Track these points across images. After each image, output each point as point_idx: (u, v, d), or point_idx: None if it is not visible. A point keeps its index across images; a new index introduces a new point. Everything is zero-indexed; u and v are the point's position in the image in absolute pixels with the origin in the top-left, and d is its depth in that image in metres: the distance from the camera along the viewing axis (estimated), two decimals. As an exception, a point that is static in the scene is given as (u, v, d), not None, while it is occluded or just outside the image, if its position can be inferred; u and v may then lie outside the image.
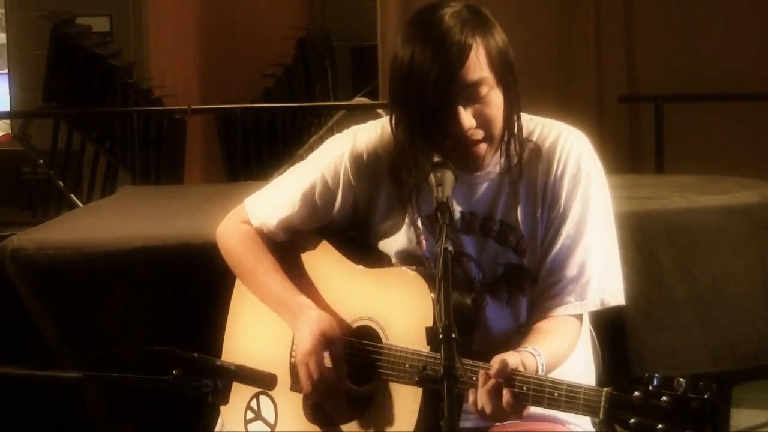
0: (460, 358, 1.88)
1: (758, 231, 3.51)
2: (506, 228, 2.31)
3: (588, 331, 2.43)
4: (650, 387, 1.86)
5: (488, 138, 2.23)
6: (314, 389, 2.29)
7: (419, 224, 2.33)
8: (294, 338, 2.35)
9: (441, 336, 1.88)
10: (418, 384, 2.09)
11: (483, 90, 2.19)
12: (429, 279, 2.20)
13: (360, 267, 2.37)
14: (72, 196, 7.68)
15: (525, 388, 2.01)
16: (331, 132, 6.47)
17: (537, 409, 2.10)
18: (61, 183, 7.81)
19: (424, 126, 2.20)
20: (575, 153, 2.30)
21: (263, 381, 2.07)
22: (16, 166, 8.31)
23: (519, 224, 2.30)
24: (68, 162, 7.97)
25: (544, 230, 2.29)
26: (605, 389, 1.93)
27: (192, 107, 7.45)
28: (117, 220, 3.68)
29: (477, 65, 2.18)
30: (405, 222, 2.35)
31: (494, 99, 2.21)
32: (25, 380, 1.99)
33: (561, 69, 6.72)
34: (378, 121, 2.41)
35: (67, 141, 8.03)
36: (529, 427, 2.26)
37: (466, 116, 2.18)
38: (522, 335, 2.28)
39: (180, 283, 3.13)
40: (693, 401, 1.81)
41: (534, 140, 2.31)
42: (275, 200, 2.46)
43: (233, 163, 8.15)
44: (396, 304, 2.25)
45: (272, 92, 8.57)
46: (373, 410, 2.25)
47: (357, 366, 2.29)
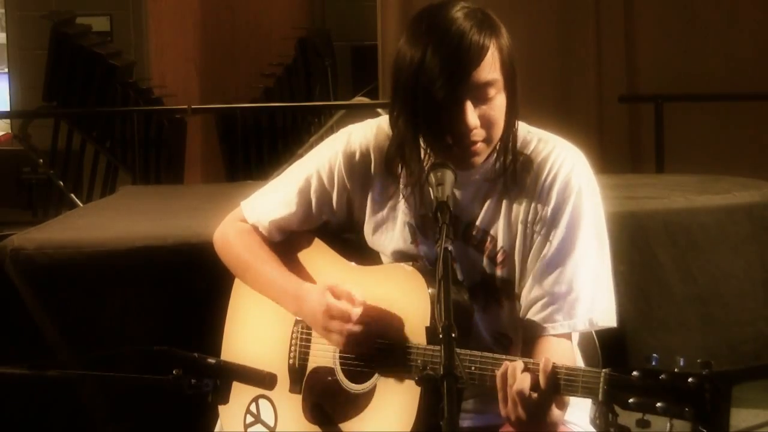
0: (458, 354, 1.87)
1: (758, 231, 3.51)
2: (487, 237, 2.29)
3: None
4: (648, 367, 1.85)
5: (488, 140, 2.22)
6: (348, 344, 2.24)
7: (413, 223, 2.33)
8: (304, 316, 2.34)
9: (441, 336, 1.88)
10: (418, 383, 2.09)
11: (491, 92, 2.18)
12: (426, 274, 2.20)
13: (355, 264, 2.38)
14: (72, 196, 7.67)
15: None
16: (331, 132, 6.46)
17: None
18: (61, 183, 7.81)
19: (429, 121, 2.19)
20: (566, 167, 2.25)
21: (263, 380, 2.07)
22: (16, 166, 8.30)
23: (499, 235, 2.28)
24: (68, 162, 7.96)
25: (528, 244, 2.26)
26: (604, 370, 1.91)
27: (192, 107, 7.44)
28: (117, 220, 3.69)
29: (490, 66, 2.17)
30: (399, 221, 2.35)
31: (500, 102, 2.20)
32: (25, 380, 1.99)
33: (561, 69, 6.72)
34: (374, 120, 2.40)
35: (67, 141, 8.03)
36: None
37: (473, 115, 2.18)
38: (503, 345, 2.28)
39: (180, 283, 3.13)
40: (691, 378, 1.80)
41: (528, 153, 2.28)
42: (271, 199, 2.46)
43: (233, 163, 8.15)
44: (394, 300, 2.25)
45: (272, 92, 8.56)
46: (373, 410, 2.25)
47: (355, 364, 2.29)
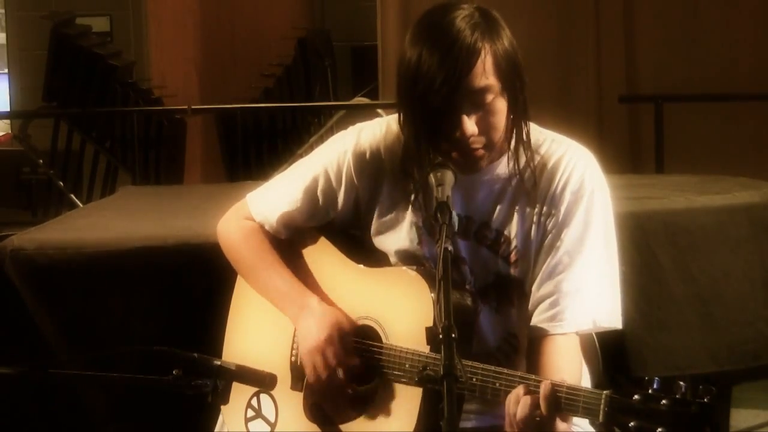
0: (461, 359, 1.88)
1: (758, 231, 3.51)
2: (501, 237, 2.30)
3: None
4: (650, 390, 1.85)
5: (488, 145, 2.22)
6: (317, 386, 2.28)
7: (421, 224, 2.33)
8: (296, 331, 2.35)
9: (441, 336, 1.88)
10: (418, 384, 2.09)
11: (488, 97, 2.18)
12: (429, 279, 2.20)
13: (360, 266, 2.37)
14: (72, 196, 7.67)
15: None
16: (331, 132, 6.47)
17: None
18: (61, 183, 7.81)
19: (428, 127, 2.19)
20: (579, 169, 2.27)
21: (263, 381, 2.07)
22: (16, 166, 8.30)
23: (514, 235, 2.29)
24: (68, 162, 7.96)
25: (539, 243, 2.27)
26: (605, 392, 1.92)
27: (192, 107, 7.44)
28: (117, 220, 3.68)
29: (483, 72, 2.16)
30: (406, 222, 2.35)
31: (498, 107, 2.20)
32: (25, 380, 1.99)
33: (561, 69, 6.72)
34: (383, 119, 2.40)
35: (67, 141, 8.03)
36: (529, 428, 2.25)
37: (470, 124, 2.17)
38: (512, 345, 2.28)
39: (180, 283, 3.13)
40: (693, 405, 1.81)
41: (541, 154, 2.29)
42: (278, 195, 2.45)
43: (233, 163, 8.15)
44: (396, 304, 2.25)
45: (272, 92, 8.56)
46: (374, 410, 2.25)
47: (358, 366, 2.29)
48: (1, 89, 9.79)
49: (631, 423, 1.86)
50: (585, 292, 2.23)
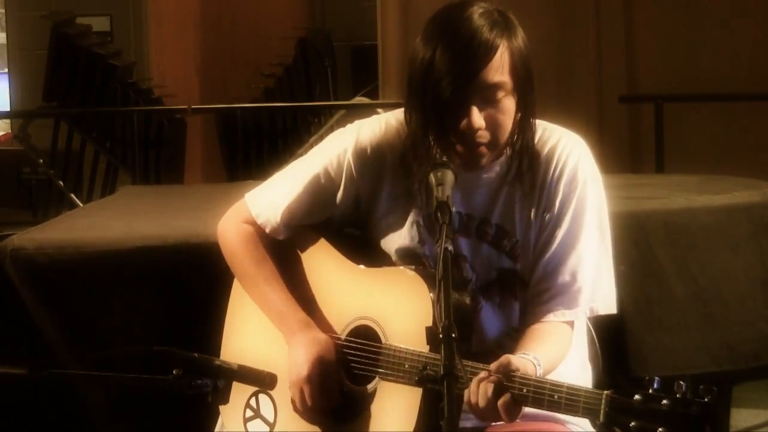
0: (461, 358, 1.88)
1: (758, 231, 3.51)
2: (502, 232, 2.30)
3: (587, 332, 2.43)
4: (650, 390, 1.85)
5: (493, 143, 2.22)
6: (304, 415, 2.30)
7: (422, 222, 2.33)
8: (289, 354, 2.35)
9: (441, 336, 1.88)
10: (418, 384, 2.09)
11: (499, 94, 2.19)
12: (428, 279, 2.20)
13: (359, 266, 2.37)
14: (72, 196, 7.68)
15: (525, 390, 2.00)
16: (331, 132, 6.46)
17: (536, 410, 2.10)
18: (61, 183, 7.81)
19: (436, 119, 2.20)
20: (573, 159, 2.29)
21: (263, 381, 2.07)
22: (16, 166, 8.30)
23: (515, 229, 2.30)
24: (68, 162, 7.97)
25: (537, 234, 2.29)
26: (605, 392, 1.93)
27: (192, 107, 7.45)
28: (117, 220, 3.68)
29: (499, 68, 2.17)
30: (408, 219, 2.35)
31: (507, 105, 2.21)
32: (25, 380, 1.99)
33: (561, 69, 6.71)
34: (382, 116, 2.40)
35: (67, 141, 8.03)
36: (529, 427, 2.26)
37: (478, 116, 2.18)
38: (514, 339, 2.27)
39: (180, 283, 3.13)
40: (693, 405, 1.81)
41: (534, 143, 2.30)
42: (277, 194, 2.45)
43: (233, 163, 8.15)
44: (395, 304, 2.25)
45: (272, 92, 8.57)
46: (373, 410, 2.25)
47: (356, 366, 2.29)
48: (1, 89, 9.80)
49: (632, 423, 1.86)
50: (581, 283, 2.26)
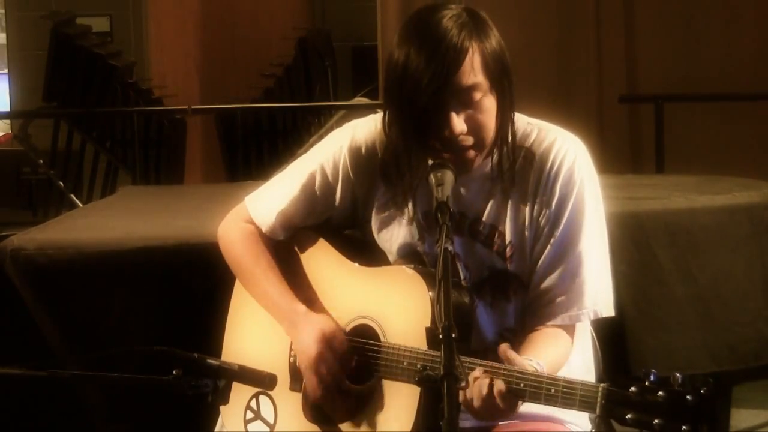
0: (460, 357, 1.88)
1: (758, 231, 3.51)
2: (494, 232, 2.30)
3: (587, 332, 2.43)
4: (647, 382, 1.85)
5: (478, 144, 2.22)
6: (324, 394, 2.28)
7: (421, 219, 2.33)
8: (292, 344, 2.35)
9: (441, 336, 1.88)
10: (418, 384, 2.09)
11: (476, 95, 2.18)
12: (427, 277, 2.20)
13: (357, 265, 2.37)
14: (72, 196, 7.67)
15: (522, 385, 2.00)
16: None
17: (535, 408, 2.10)
18: (61, 183, 7.81)
19: (416, 127, 2.19)
20: (569, 159, 2.28)
21: (263, 381, 2.07)
22: (16, 166, 8.30)
23: (507, 230, 2.29)
24: (68, 162, 7.96)
25: (534, 236, 2.28)
26: (602, 385, 1.93)
27: (192, 107, 7.44)
28: (117, 220, 3.68)
29: (471, 70, 2.17)
30: (405, 217, 2.35)
31: (487, 105, 2.20)
32: (25, 380, 1.99)
33: (561, 69, 6.71)
34: (377, 116, 2.40)
35: (67, 141, 8.03)
36: (529, 427, 2.26)
37: (458, 122, 2.18)
38: (507, 340, 2.27)
39: (180, 283, 3.13)
40: (689, 396, 1.81)
41: (528, 145, 2.29)
42: (275, 195, 2.46)
43: (233, 163, 8.15)
44: (394, 303, 2.25)
45: (272, 92, 8.56)
46: (372, 409, 2.25)
47: (355, 365, 2.29)
48: (1, 89, 9.79)
49: (628, 415, 1.86)
50: (582, 286, 2.25)
